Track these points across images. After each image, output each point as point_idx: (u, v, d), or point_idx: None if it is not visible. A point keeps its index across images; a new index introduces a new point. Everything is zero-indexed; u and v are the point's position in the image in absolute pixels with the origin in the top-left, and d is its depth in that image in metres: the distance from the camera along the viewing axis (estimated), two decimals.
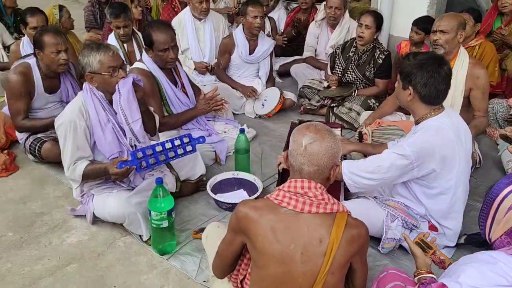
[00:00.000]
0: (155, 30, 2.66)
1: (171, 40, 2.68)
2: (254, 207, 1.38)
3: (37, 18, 3.36)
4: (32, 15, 3.37)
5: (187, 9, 4.02)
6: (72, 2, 7.80)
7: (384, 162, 1.89)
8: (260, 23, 3.52)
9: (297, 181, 1.37)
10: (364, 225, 1.40)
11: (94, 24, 5.13)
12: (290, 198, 1.35)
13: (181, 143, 2.32)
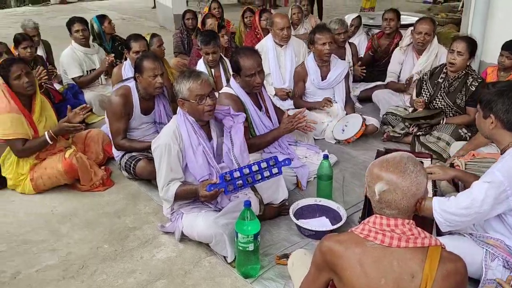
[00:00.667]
0: (242, 56, 2.77)
1: (258, 65, 2.78)
2: (338, 241, 1.36)
3: (140, 43, 3.65)
4: (135, 40, 3.68)
5: (269, 36, 4.16)
6: (160, 29, 8.39)
7: (477, 195, 1.79)
8: (329, 49, 3.53)
9: (383, 218, 1.33)
10: (461, 259, 1.31)
11: (182, 50, 5.48)
12: (377, 232, 1.31)
13: (267, 166, 2.36)
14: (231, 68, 2.92)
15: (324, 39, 3.48)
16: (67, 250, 2.41)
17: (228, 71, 3.88)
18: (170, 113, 3.17)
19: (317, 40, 3.51)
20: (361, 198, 2.72)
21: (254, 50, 2.90)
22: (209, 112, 2.33)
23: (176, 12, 8.03)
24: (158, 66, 2.89)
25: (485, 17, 3.56)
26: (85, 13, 10.05)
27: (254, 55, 2.80)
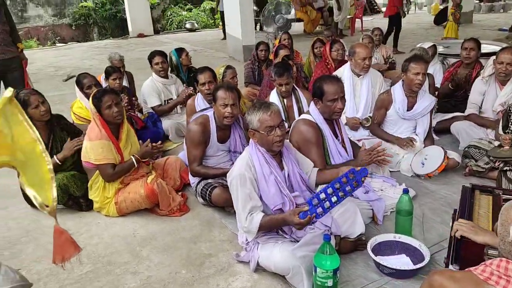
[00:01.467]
0: (326, 82, 2.81)
1: (341, 91, 2.81)
2: (452, 277, 1.29)
3: (205, 75, 3.81)
4: (201, 73, 3.85)
5: (347, 65, 4.16)
6: (229, 60, 8.71)
7: None
8: (421, 80, 3.44)
9: (509, 262, 1.25)
10: None
11: (252, 80, 5.63)
12: (500, 277, 1.23)
13: (347, 180, 2.29)
14: (313, 93, 2.94)
15: (419, 69, 3.41)
16: (148, 273, 2.51)
17: (300, 101, 3.92)
18: (244, 142, 3.25)
19: (411, 69, 3.44)
20: (444, 237, 2.58)
21: (338, 78, 2.93)
22: (278, 143, 2.37)
23: (245, 44, 8.33)
24: (229, 96, 2.97)
25: None
26: (160, 46, 10.74)
27: (338, 81, 2.85)
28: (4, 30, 4.39)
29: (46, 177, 1.50)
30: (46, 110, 3.14)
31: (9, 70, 4.48)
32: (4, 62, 4.41)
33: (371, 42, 5.53)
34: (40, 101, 3.11)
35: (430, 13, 14.32)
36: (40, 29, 14.16)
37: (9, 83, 4.49)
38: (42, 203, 1.51)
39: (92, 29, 14.66)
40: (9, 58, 4.44)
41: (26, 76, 4.63)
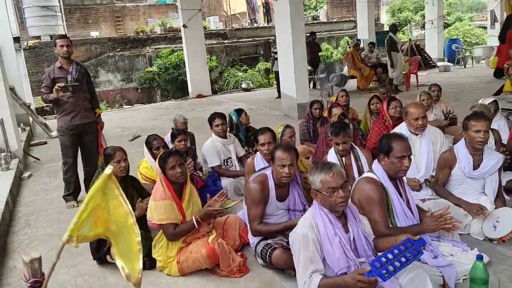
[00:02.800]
0: (395, 139, 2.83)
1: (409, 149, 2.80)
2: None
3: (265, 136, 3.91)
4: (261, 133, 3.96)
5: (404, 124, 4.12)
6: (284, 117, 8.90)
7: None
8: (483, 138, 3.33)
9: None
10: None
11: (307, 137, 5.70)
12: None
13: (406, 248, 2.24)
14: (380, 149, 2.92)
15: (480, 126, 3.33)
16: None
17: (359, 159, 3.89)
18: (303, 200, 3.25)
19: (471, 127, 3.37)
20: None
21: (405, 136, 2.93)
22: (341, 204, 2.35)
23: (299, 102, 8.52)
24: (287, 157, 3.02)
25: None
26: (218, 105, 11.27)
27: (405, 140, 2.85)
28: (86, 97, 4.83)
29: (135, 249, 1.59)
30: (126, 167, 3.41)
31: (87, 133, 4.86)
32: (84, 126, 4.80)
33: (429, 99, 5.46)
34: (123, 157, 3.41)
35: (489, 66, 13.96)
36: (110, 93, 15.39)
37: (85, 144, 4.89)
38: (129, 274, 1.59)
39: (156, 92, 15.70)
40: (88, 123, 4.83)
41: (100, 138, 5.00)
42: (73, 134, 4.76)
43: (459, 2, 28.03)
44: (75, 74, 4.66)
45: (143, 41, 16.42)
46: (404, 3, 23.48)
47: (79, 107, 4.73)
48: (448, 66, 15.04)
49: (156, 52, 15.92)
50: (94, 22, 17.52)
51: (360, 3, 15.38)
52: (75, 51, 15.35)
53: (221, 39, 16.46)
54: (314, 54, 12.24)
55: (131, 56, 15.79)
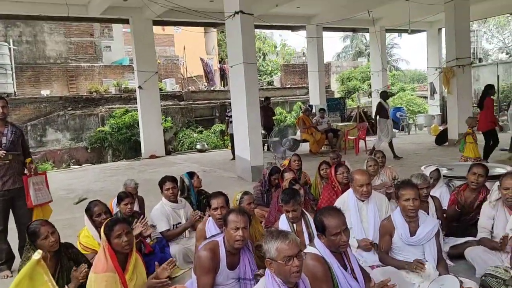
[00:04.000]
0: (326, 215, 2.83)
1: (343, 224, 2.81)
2: None
3: (218, 200, 3.87)
4: (214, 197, 3.91)
5: (350, 190, 4.23)
6: (237, 180, 8.91)
7: None
8: (413, 206, 3.48)
9: None
10: None
11: (261, 201, 5.70)
12: None
13: None
14: (316, 228, 2.95)
15: (408, 195, 3.48)
16: None
17: (310, 226, 3.91)
18: (254, 268, 3.19)
19: (401, 196, 3.52)
20: None
21: (338, 209, 2.97)
22: (296, 273, 2.33)
23: (253, 164, 8.60)
24: (241, 220, 3.01)
25: None
26: (171, 166, 11.12)
27: (339, 213, 2.86)
28: (20, 161, 4.55)
29: None
30: (55, 240, 3.15)
31: (19, 197, 4.51)
32: (16, 191, 4.48)
33: (376, 164, 5.70)
34: (50, 231, 3.13)
35: (430, 134, 14.92)
36: (57, 152, 14.87)
37: (18, 209, 4.55)
38: None
39: (107, 152, 15.35)
40: (21, 187, 4.49)
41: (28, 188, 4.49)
42: (4, 199, 4.44)
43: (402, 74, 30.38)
44: (10, 136, 4.42)
45: (96, 100, 16.30)
46: (352, 73, 25.13)
47: (13, 170, 4.45)
48: (394, 132, 15.92)
49: (110, 112, 15.79)
50: (46, 80, 17.30)
51: (311, 72, 16.27)
52: (23, 109, 14.96)
53: (177, 100, 16.66)
54: (268, 118, 12.60)
55: (82, 115, 15.55)
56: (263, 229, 4.43)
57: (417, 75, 32.39)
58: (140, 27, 12.97)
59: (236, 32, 8.47)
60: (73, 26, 18.41)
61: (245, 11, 8.26)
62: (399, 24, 15.95)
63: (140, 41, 13.03)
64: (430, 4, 12.77)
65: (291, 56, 29.30)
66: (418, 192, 3.62)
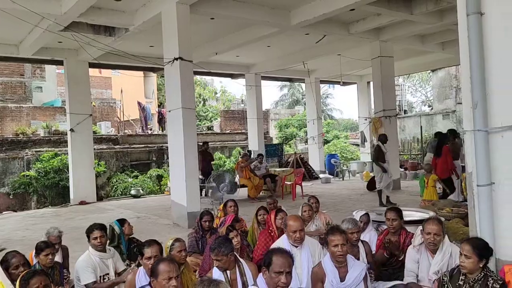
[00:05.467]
0: (277, 253, 2.89)
1: (288, 266, 2.84)
2: None
3: (152, 249, 3.71)
4: (148, 246, 3.74)
5: (284, 236, 4.26)
6: (173, 226, 8.64)
7: None
8: (341, 251, 3.58)
9: None
10: None
11: (196, 249, 5.53)
12: None
13: None
14: (263, 262, 2.93)
15: (336, 241, 3.58)
16: None
17: (244, 274, 3.84)
18: None
19: (330, 242, 3.61)
20: None
21: (290, 253, 3.00)
22: None
23: (190, 210, 8.42)
24: (174, 269, 2.92)
25: (491, 216, 3.70)
26: (102, 213, 10.59)
27: (288, 256, 2.91)
28: None
29: None
30: None
31: None
32: None
33: (310, 210, 5.81)
34: None
35: (363, 180, 15.60)
36: None
37: None
38: None
39: (31, 198, 14.32)
40: None
41: None
42: None
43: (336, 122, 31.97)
44: None
45: (22, 143, 15.39)
46: (290, 120, 26.07)
47: None
48: (329, 178, 16.47)
49: (37, 156, 14.92)
50: None
51: (251, 118, 16.65)
52: None
53: (112, 144, 16.15)
54: (207, 163, 12.56)
55: (6, 158, 14.54)
56: (196, 278, 4.28)
57: (350, 124, 34.23)
58: (74, 69, 12.66)
59: (175, 77, 8.53)
60: (1, 65, 17.55)
61: (184, 58, 8.39)
62: (332, 76, 16.99)
63: (74, 82, 12.68)
64: (359, 59, 13.81)
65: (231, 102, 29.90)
66: (346, 238, 3.72)
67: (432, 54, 15.22)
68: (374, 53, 12.77)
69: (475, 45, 3.72)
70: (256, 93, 16.24)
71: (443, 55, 14.87)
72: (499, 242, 3.68)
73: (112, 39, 10.46)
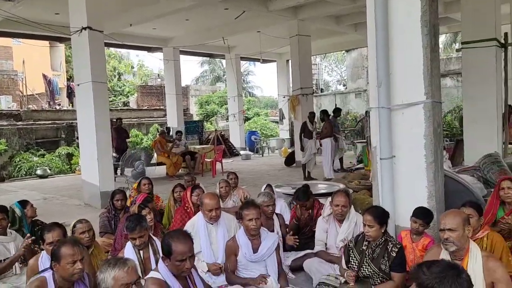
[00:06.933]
0: (175, 240, 2.77)
1: (189, 251, 2.78)
2: None
3: (53, 233, 3.50)
4: (49, 231, 3.52)
5: (200, 213, 4.24)
6: (85, 207, 8.21)
7: None
8: (255, 225, 3.69)
9: None
10: None
11: (108, 229, 5.33)
12: None
13: None
14: (162, 250, 2.86)
15: (251, 215, 3.65)
16: None
17: (158, 252, 3.77)
18: None
19: (245, 216, 3.68)
20: None
21: (187, 234, 2.93)
22: None
23: (103, 190, 8.04)
24: (78, 251, 2.79)
25: (392, 187, 3.99)
26: (4, 195, 9.72)
27: (187, 240, 2.83)
28: None
29: None
30: None
31: None
32: None
33: (227, 186, 5.85)
34: None
35: (281, 156, 16.06)
36: None
37: None
38: None
39: None
40: None
41: None
42: None
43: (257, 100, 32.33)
44: None
45: None
46: (211, 97, 25.81)
47: None
48: (249, 154, 16.73)
49: None
50: None
51: (169, 94, 16.18)
52: None
53: (14, 120, 14.71)
54: (122, 140, 12.03)
55: None
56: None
57: (270, 101, 34.84)
58: None
59: (84, 49, 7.96)
60: None
61: (94, 28, 7.83)
62: (252, 53, 17.01)
63: None
64: (278, 37, 13.97)
65: (148, 77, 28.72)
66: (260, 212, 3.81)
67: (346, 35, 15.89)
68: (292, 32, 13.00)
69: (380, 28, 3.91)
70: (175, 68, 15.79)
71: (356, 36, 15.58)
72: (398, 210, 4.01)
73: (11, 4, 9.43)
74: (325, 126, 10.44)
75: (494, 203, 3.97)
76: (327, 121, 10.62)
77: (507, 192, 3.85)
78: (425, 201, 3.82)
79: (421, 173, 3.87)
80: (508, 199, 3.86)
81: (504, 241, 3.42)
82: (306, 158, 10.42)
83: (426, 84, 3.82)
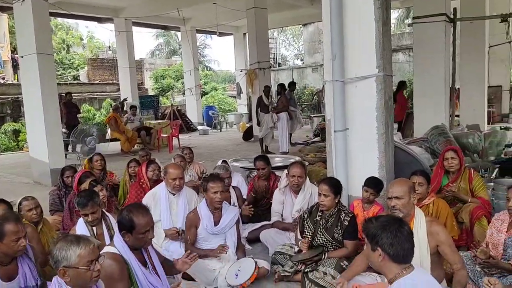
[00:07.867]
0: (136, 214, 2.72)
1: (151, 221, 2.78)
2: None
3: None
4: None
5: (162, 184, 4.25)
6: (34, 185, 7.89)
7: None
8: (220, 198, 3.70)
9: None
10: None
11: (59, 207, 5.15)
12: None
13: None
14: (122, 225, 2.78)
15: (216, 187, 3.66)
16: None
17: (111, 228, 3.69)
18: (36, 275, 2.87)
19: (210, 189, 3.67)
20: None
21: (145, 206, 2.90)
22: (96, 278, 2.22)
23: (53, 167, 7.72)
24: (21, 228, 2.73)
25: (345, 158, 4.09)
26: None
27: (147, 212, 2.81)
28: None
29: None
30: None
31: None
32: None
33: (183, 161, 5.78)
34: None
35: (239, 131, 16.04)
36: None
37: None
38: None
39: None
40: None
41: None
42: None
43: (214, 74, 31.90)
44: None
45: None
46: (166, 71, 25.14)
47: None
48: (207, 129, 16.59)
49: None
50: None
51: (122, 67, 15.60)
52: None
53: None
54: (72, 116, 11.54)
55: None
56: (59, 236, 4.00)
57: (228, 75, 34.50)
58: None
59: (27, 18, 7.48)
60: None
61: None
62: (208, 25, 16.63)
63: None
64: (234, 10, 13.71)
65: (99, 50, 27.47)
66: (224, 185, 3.81)
67: (303, 9, 15.82)
68: (249, 4, 12.79)
69: (335, 1, 3.92)
70: (128, 40, 15.17)
71: (313, 10, 15.55)
72: (351, 181, 4.14)
73: None
74: (281, 100, 10.48)
75: (439, 172, 4.17)
76: (283, 95, 10.67)
77: (451, 162, 4.05)
78: (376, 171, 3.96)
79: (372, 145, 3.99)
80: (452, 169, 4.07)
81: (449, 207, 3.64)
82: (263, 132, 10.47)
83: (378, 58, 3.90)
